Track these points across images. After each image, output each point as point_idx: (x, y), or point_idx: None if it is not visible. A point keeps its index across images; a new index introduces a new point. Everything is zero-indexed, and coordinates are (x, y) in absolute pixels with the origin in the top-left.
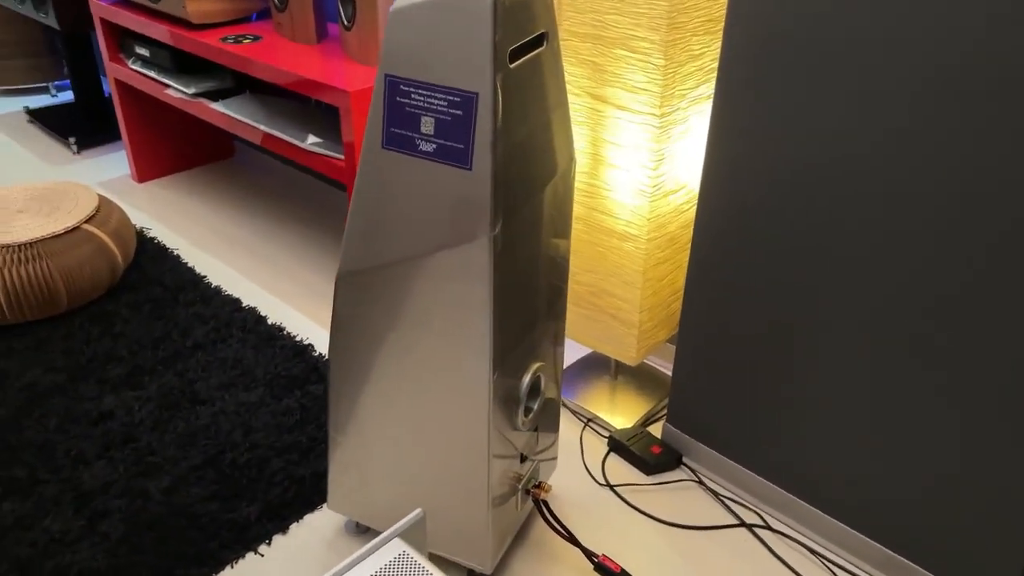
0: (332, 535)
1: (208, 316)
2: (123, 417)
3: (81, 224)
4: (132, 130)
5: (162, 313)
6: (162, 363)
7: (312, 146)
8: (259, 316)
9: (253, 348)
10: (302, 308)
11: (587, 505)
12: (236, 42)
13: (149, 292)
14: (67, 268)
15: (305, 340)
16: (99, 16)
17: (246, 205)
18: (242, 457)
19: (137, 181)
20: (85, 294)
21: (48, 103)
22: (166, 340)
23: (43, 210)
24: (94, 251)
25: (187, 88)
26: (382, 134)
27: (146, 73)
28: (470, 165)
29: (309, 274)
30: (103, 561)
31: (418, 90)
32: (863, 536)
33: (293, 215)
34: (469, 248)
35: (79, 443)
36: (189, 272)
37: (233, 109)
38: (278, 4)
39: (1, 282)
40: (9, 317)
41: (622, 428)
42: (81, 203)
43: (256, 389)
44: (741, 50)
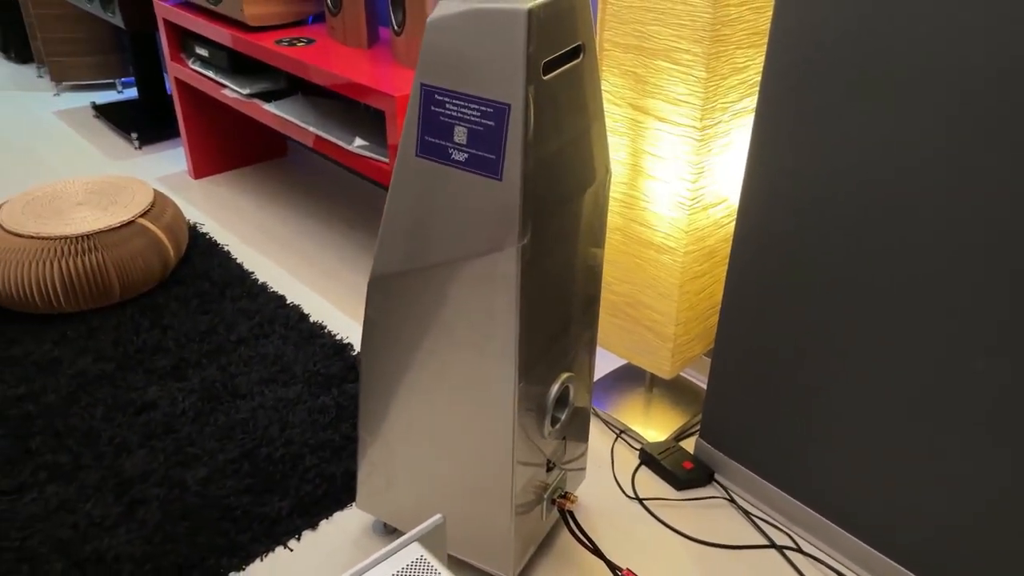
0: (359, 534)
1: (253, 312)
2: (166, 408)
3: (136, 218)
4: (190, 127)
5: (209, 307)
6: (206, 356)
7: (358, 148)
8: (302, 314)
9: (294, 345)
10: (343, 308)
11: (615, 518)
12: (290, 45)
13: (198, 286)
14: (121, 260)
15: (345, 339)
16: (162, 17)
17: (296, 204)
18: (277, 452)
19: (193, 177)
20: (137, 286)
21: (114, 99)
22: (211, 334)
23: (101, 203)
24: (147, 245)
25: (242, 88)
26: (416, 142)
27: (204, 73)
28: (500, 175)
29: (351, 274)
30: (139, 547)
31: (452, 100)
32: (896, 564)
33: (341, 216)
34: (498, 257)
35: (122, 432)
36: (237, 268)
37: (284, 110)
38: (332, 8)
39: (59, 272)
40: (65, 306)
41: (654, 441)
42: (137, 198)
43: (294, 386)
44: (784, 64)
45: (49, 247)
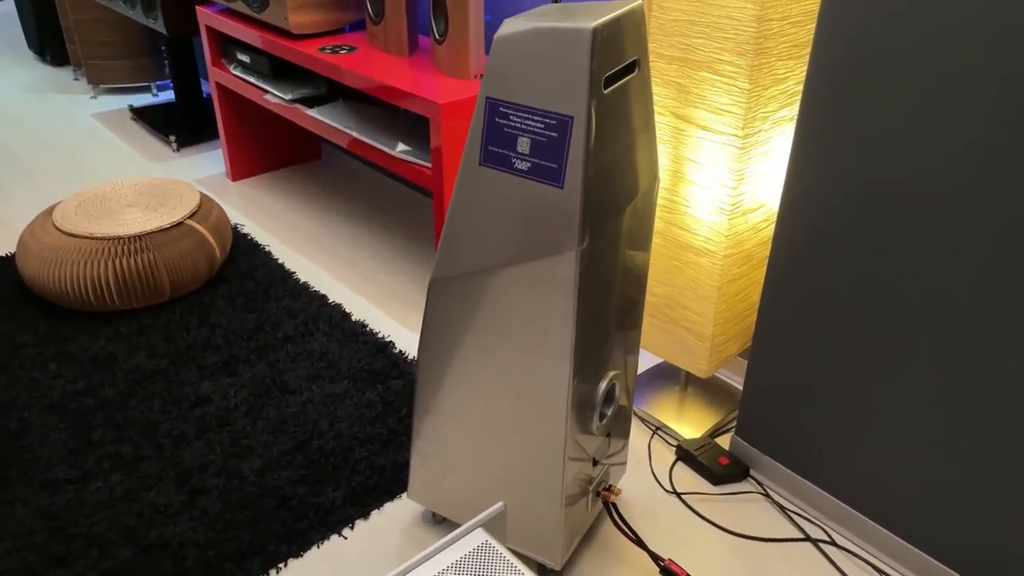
0: (409, 524)
1: (297, 310)
2: (219, 402)
3: (185, 220)
4: (229, 131)
5: (255, 306)
6: (255, 353)
7: (401, 154)
8: (344, 312)
9: (338, 342)
10: (383, 307)
11: (653, 511)
12: (333, 52)
13: (242, 286)
14: (171, 260)
15: (386, 337)
16: (205, 23)
17: (331, 206)
18: (328, 445)
19: (231, 179)
20: (186, 285)
21: (149, 102)
22: (258, 332)
23: (150, 205)
24: (195, 245)
25: (285, 94)
26: (480, 152)
27: (246, 78)
28: (562, 183)
29: (387, 276)
30: (202, 534)
31: (516, 112)
32: (931, 558)
33: (375, 219)
34: (557, 261)
35: (179, 424)
36: (279, 268)
37: (327, 116)
38: (373, 17)
39: (113, 271)
40: (118, 304)
41: (690, 438)
42: (185, 200)
43: (341, 381)
44: (826, 75)
45: (103, 247)
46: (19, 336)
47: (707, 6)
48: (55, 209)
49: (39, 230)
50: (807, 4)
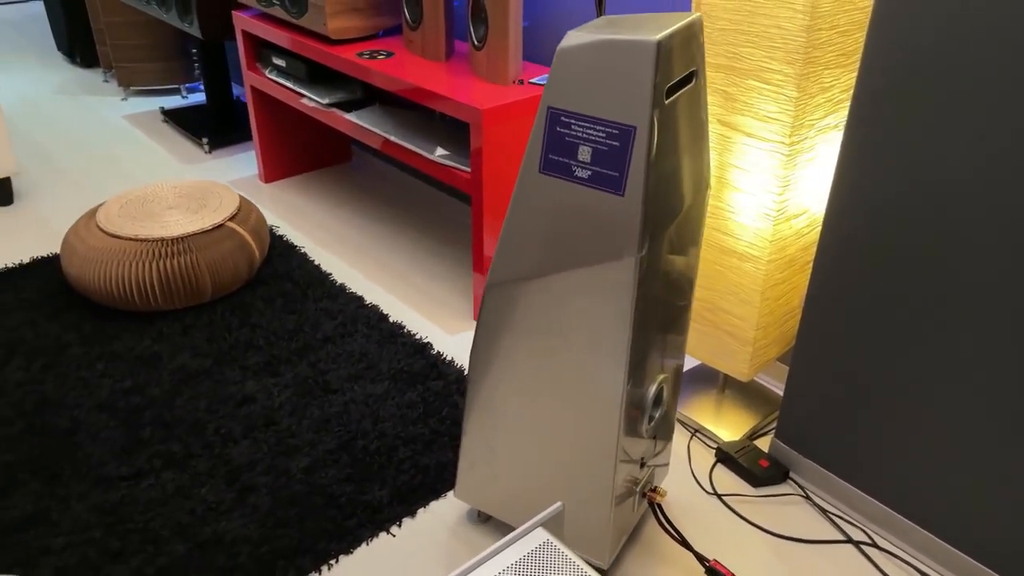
0: (455, 523)
1: (335, 312)
2: (264, 401)
3: (225, 222)
4: (263, 134)
5: (294, 307)
6: (296, 353)
7: (440, 158)
8: (381, 314)
9: (377, 343)
10: (419, 309)
11: (694, 512)
12: (371, 57)
13: (281, 287)
14: (213, 261)
15: (424, 339)
16: (241, 28)
17: (363, 208)
18: (372, 444)
19: (263, 181)
20: (226, 286)
21: (179, 104)
22: (298, 332)
23: (191, 207)
24: (236, 247)
25: (322, 98)
26: (540, 160)
27: (282, 82)
28: (623, 191)
29: (421, 277)
30: (254, 530)
31: (578, 122)
32: (974, 560)
33: (407, 221)
34: (615, 266)
35: (226, 423)
36: (315, 269)
37: (365, 120)
38: (410, 23)
39: (156, 272)
40: (161, 304)
41: (729, 440)
42: (225, 202)
43: (382, 382)
44: (875, 83)
45: (147, 248)
46: (65, 336)
47: (756, 16)
48: (98, 211)
49: (84, 231)
50: (854, 14)
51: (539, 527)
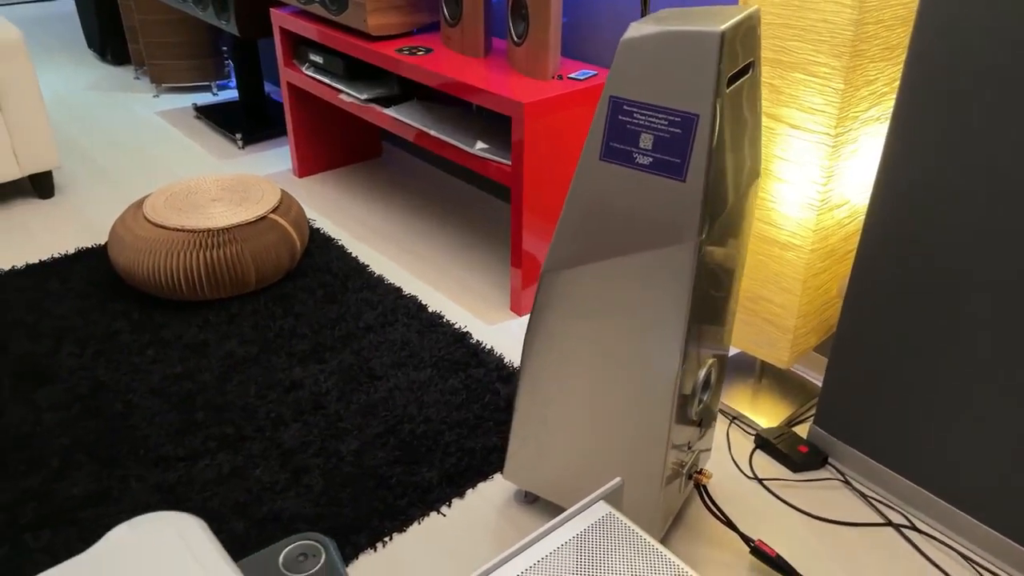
0: (503, 503)
1: (375, 302)
2: (311, 387)
3: (268, 214)
4: (297, 129)
5: (335, 297)
6: (339, 341)
7: (480, 151)
8: (420, 304)
9: (418, 332)
10: (456, 299)
11: (736, 495)
12: (411, 53)
13: (320, 278)
14: (257, 252)
15: (463, 328)
16: (278, 25)
17: (395, 201)
18: (419, 428)
19: (297, 176)
20: (270, 276)
21: (210, 100)
22: (340, 321)
23: (234, 199)
24: (279, 238)
25: (360, 94)
26: (601, 147)
27: (319, 79)
28: (684, 177)
29: (456, 268)
30: (310, 509)
31: (640, 110)
32: (1014, 542)
33: (437, 213)
34: (674, 251)
35: (277, 407)
36: (353, 261)
37: (404, 114)
38: (449, 20)
39: (203, 262)
40: (207, 294)
41: (768, 427)
42: (267, 195)
43: (424, 369)
44: (922, 76)
45: (194, 239)
46: (114, 323)
47: (804, 10)
48: (144, 202)
49: (131, 222)
50: (898, 8)
51: (600, 500)
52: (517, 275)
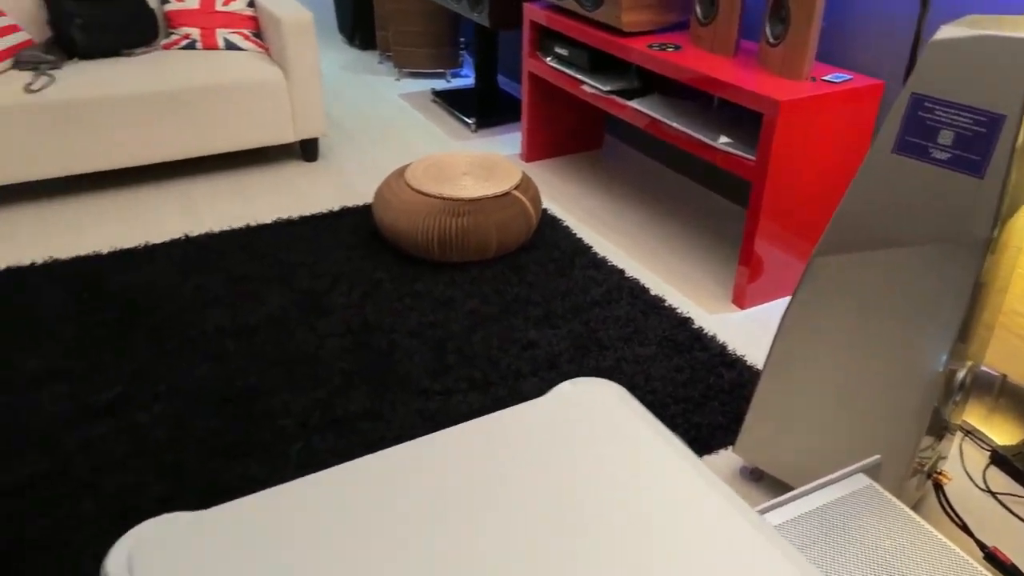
0: (728, 478)
1: (600, 280)
2: (546, 348)
3: (511, 190)
4: (531, 117)
5: (563, 271)
6: (569, 311)
7: (724, 145)
8: (642, 287)
9: (642, 312)
10: (677, 287)
11: (968, 505)
12: (661, 49)
13: (550, 253)
14: (499, 224)
15: (685, 313)
16: (530, 19)
17: (616, 191)
18: (647, 398)
19: (525, 160)
20: (507, 247)
21: (445, 86)
22: (569, 294)
23: (481, 175)
24: (518, 213)
25: (603, 85)
26: (895, 141)
27: (562, 70)
28: (983, 175)
29: (674, 257)
30: None
31: (943, 107)
32: None
33: (657, 205)
34: (962, 246)
35: (516, 362)
36: (578, 242)
37: (647, 107)
38: (702, 19)
39: (454, 227)
40: (454, 256)
41: (1005, 444)
42: (510, 173)
43: (649, 346)
44: None
45: (448, 206)
46: (376, 273)
47: None
48: (406, 171)
49: (395, 187)
50: None
51: (860, 472)
52: (744, 271)
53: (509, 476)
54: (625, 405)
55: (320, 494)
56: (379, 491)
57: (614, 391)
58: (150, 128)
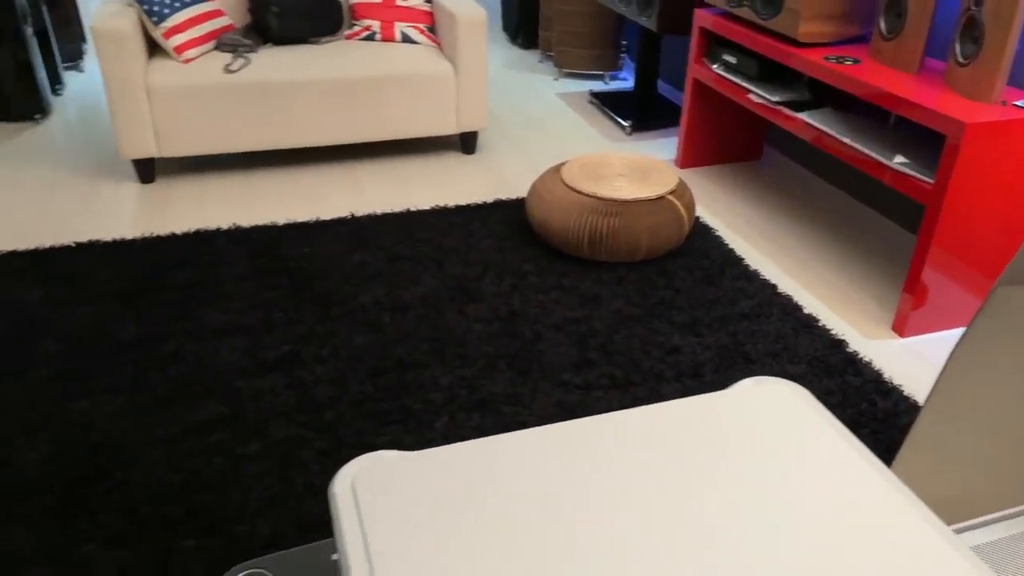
0: None
1: (751, 292)
2: (689, 355)
3: (666, 195)
4: (691, 122)
5: (712, 280)
6: (716, 321)
7: (899, 165)
8: (795, 304)
9: (792, 329)
10: (833, 307)
11: None
12: (838, 62)
13: (699, 261)
14: (651, 227)
15: (839, 335)
16: (699, 24)
17: (773, 204)
18: None
19: (679, 166)
20: (656, 251)
21: (602, 88)
22: (716, 304)
23: (636, 177)
24: (671, 218)
25: (772, 96)
26: None
27: (729, 77)
28: None
29: (837, 279)
30: None
31: None
32: None
33: (818, 222)
34: None
35: (658, 365)
36: (729, 252)
37: (819, 120)
38: (885, 33)
39: (605, 226)
40: (602, 255)
41: None
42: (666, 178)
43: (799, 364)
44: None
45: (600, 206)
46: (525, 265)
47: None
48: (562, 168)
49: (550, 183)
50: None
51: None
52: (908, 298)
53: (698, 463)
54: (813, 408)
55: (512, 452)
56: (575, 456)
57: (801, 393)
58: (328, 112)
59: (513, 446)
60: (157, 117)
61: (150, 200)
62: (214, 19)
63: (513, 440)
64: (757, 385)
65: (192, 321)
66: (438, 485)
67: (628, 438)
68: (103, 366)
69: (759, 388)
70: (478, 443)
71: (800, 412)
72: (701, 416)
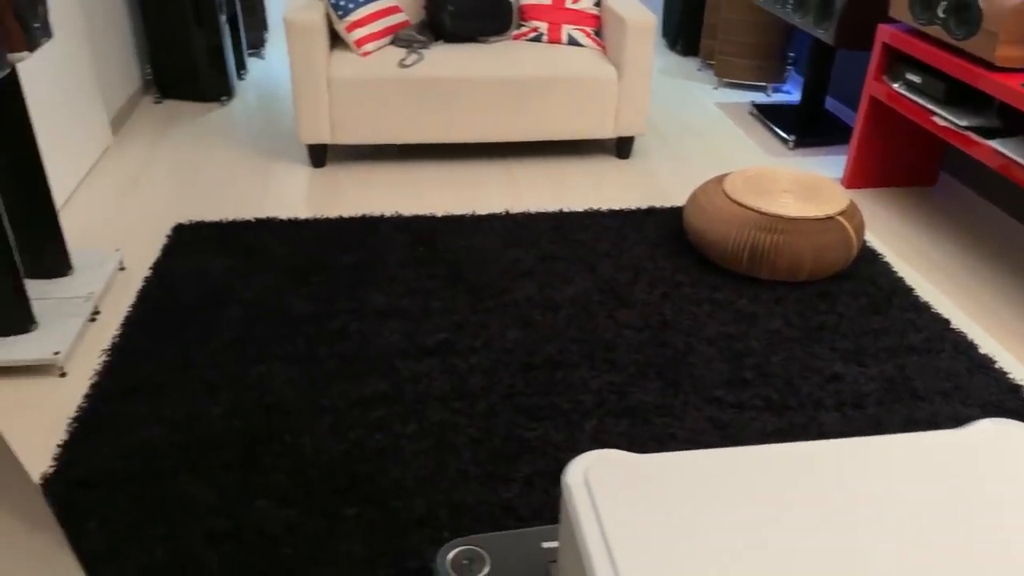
0: None
1: (921, 325)
2: (852, 384)
3: (835, 215)
4: (863, 141)
5: (878, 309)
6: (882, 352)
7: None
8: (969, 341)
9: (967, 368)
10: (1012, 349)
11: None
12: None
13: (865, 287)
14: (817, 247)
15: (1019, 379)
16: (882, 40)
17: (948, 234)
18: None
19: (845, 186)
20: (819, 273)
21: (764, 101)
22: (882, 334)
23: (803, 195)
24: (839, 240)
25: (959, 120)
26: None
27: (912, 98)
28: None
29: (1011, 317)
30: None
31: None
32: None
33: (1000, 257)
34: None
35: (817, 391)
36: (898, 280)
37: (1012, 149)
38: None
39: (768, 243)
40: (761, 272)
41: None
42: (836, 198)
43: (972, 407)
44: None
45: (764, 221)
46: (678, 275)
47: None
48: (725, 179)
49: (712, 194)
50: None
51: None
52: None
53: (936, 501)
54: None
55: (739, 466)
56: (807, 479)
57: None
58: (493, 110)
59: (751, 460)
60: (334, 106)
61: (320, 183)
62: (392, 15)
63: (751, 454)
64: (996, 427)
65: (357, 301)
66: (677, 489)
67: (864, 466)
68: (278, 336)
69: (1001, 430)
70: (715, 452)
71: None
72: (945, 454)
